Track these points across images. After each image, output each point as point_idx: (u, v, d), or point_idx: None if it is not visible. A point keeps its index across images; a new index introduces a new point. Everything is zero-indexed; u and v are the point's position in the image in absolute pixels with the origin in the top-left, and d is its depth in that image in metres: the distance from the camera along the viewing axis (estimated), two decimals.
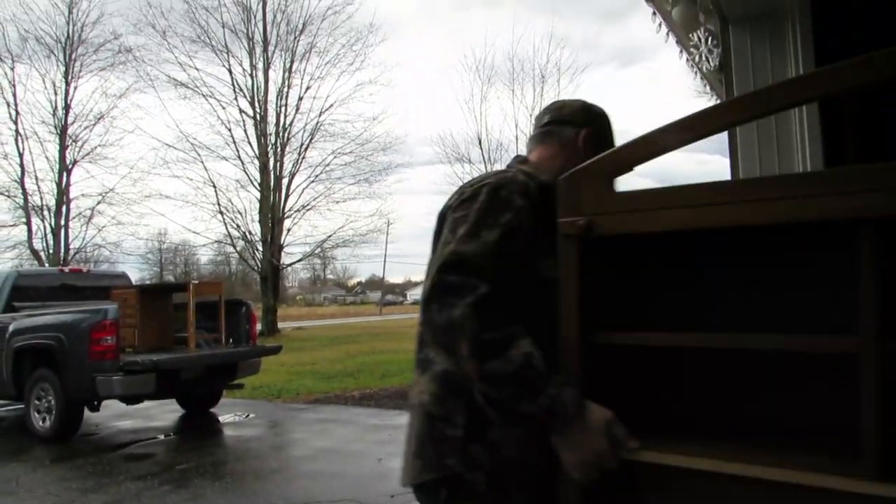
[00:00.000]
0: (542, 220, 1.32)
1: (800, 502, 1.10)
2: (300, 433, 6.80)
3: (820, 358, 1.17)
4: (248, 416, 7.71)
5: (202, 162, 22.20)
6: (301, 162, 23.12)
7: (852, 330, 1.06)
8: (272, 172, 22.45)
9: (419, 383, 1.40)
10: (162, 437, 6.74)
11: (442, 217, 1.39)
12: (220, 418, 7.57)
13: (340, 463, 5.37)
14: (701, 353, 1.32)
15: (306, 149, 23.04)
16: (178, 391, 7.28)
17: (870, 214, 1.02)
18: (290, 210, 23.08)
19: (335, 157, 23.20)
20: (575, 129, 1.53)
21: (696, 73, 6.23)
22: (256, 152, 22.37)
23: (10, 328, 6.92)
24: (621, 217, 1.24)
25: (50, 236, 22.97)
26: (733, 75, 4.03)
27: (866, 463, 1.02)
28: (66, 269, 9.32)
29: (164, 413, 7.82)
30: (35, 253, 22.67)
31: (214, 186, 22.13)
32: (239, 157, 22.38)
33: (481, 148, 24.39)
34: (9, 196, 22.49)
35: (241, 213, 22.63)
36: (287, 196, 23.02)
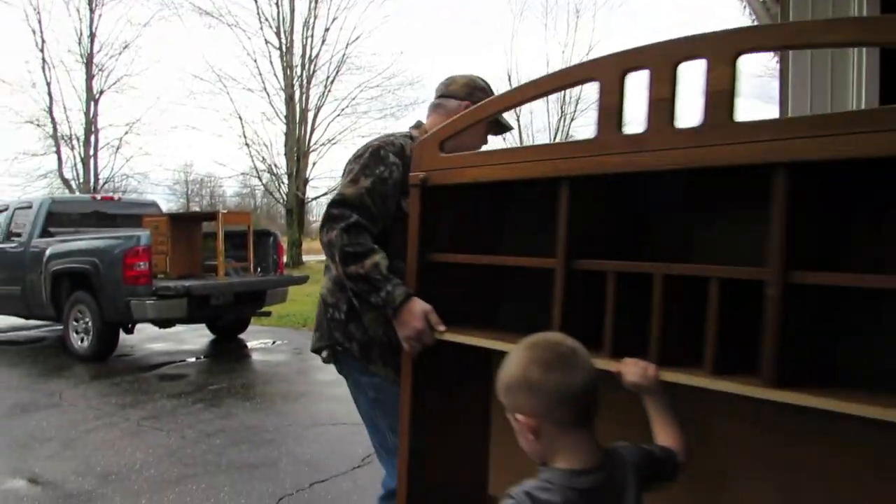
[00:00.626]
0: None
1: None
2: None
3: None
4: (275, 342, 7.95)
5: (228, 94, 22.21)
6: (327, 95, 22.91)
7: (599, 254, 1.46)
8: (298, 105, 22.31)
9: (323, 281, 1.99)
10: (193, 359, 7.02)
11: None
12: (248, 344, 7.82)
13: None
14: (505, 272, 1.83)
15: (332, 81, 22.79)
16: (208, 316, 7.52)
17: (568, 174, 1.44)
18: (315, 144, 23.07)
19: (361, 90, 22.96)
20: (458, 101, 1.96)
21: (744, 5, 5.98)
22: (282, 84, 22.20)
23: (48, 252, 7.14)
24: (444, 173, 1.73)
25: (80, 165, 23.32)
26: (790, 8, 3.82)
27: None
28: (98, 197, 9.49)
29: (194, 338, 8.11)
30: (66, 182, 23.08)
31: (240, 118, 22.16)
32: (265, 88, 22.28)
33: (510, 84, 23.89)
34: (38, 125, 22.78)
35: (266, 146, 22.73)
36: (313, 129, 22.96)
